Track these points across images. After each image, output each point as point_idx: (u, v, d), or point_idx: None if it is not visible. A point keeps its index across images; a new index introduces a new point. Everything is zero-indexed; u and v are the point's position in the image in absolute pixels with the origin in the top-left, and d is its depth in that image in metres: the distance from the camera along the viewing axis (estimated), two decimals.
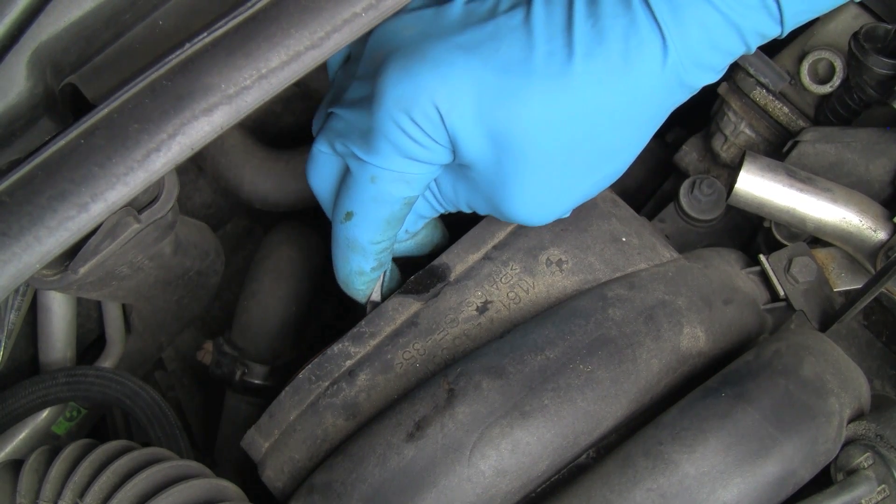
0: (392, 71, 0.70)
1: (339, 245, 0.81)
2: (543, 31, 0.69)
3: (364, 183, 0.75)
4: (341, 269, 0.83)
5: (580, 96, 0.69)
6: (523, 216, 0.77)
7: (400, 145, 0.71)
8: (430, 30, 0.73)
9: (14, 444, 1.07)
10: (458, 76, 0.69)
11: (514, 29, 0.70)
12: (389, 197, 0.75)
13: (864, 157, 0.94)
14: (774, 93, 1.04)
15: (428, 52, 0.70)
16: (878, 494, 0.74)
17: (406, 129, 0.70)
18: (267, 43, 0.61)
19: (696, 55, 0.69)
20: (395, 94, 0.69)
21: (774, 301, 0.89)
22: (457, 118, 0.69)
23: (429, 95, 0.68)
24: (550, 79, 0.69)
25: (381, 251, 0.81)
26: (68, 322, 1.06)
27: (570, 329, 0.75)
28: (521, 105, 0.69)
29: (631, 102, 0.71)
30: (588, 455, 0.76)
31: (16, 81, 0.62)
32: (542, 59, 0.69)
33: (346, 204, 0.77)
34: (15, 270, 0.58)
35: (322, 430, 0.78)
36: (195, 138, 0.60)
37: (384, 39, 0.75)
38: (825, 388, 0.73)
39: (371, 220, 0.77)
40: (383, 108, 0.70)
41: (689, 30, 0.68)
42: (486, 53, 0.69)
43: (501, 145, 0.71)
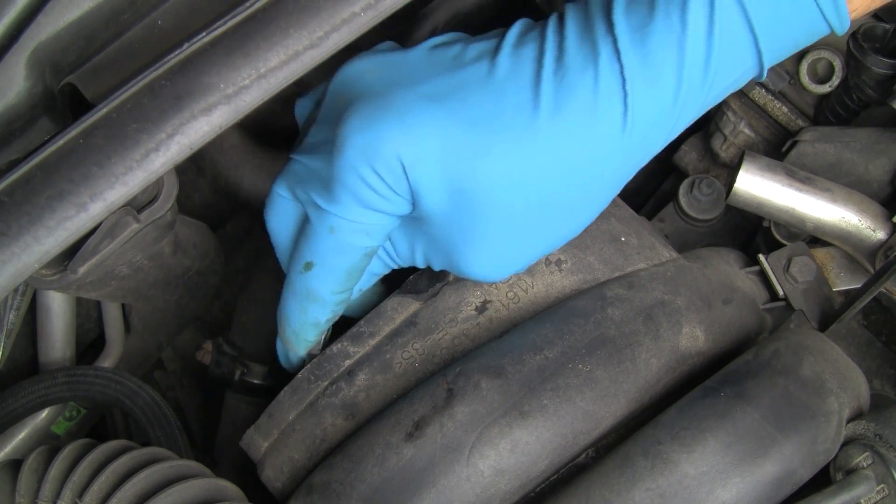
0: (355, 119, 0.67)
1: (296, 295, 0.78)
2: (511, 84, 0.68)
3: (323, 233, 0.72)
4: (296, 321, 0.79)
5: (545, 152, 0.67)
6: (479, 273, 0.75)
7: (360, 196, 0.69)
8: (394, 76, 0.71)
9: (14, 444, 1.07)
10: (423, 128, 0.66)
11: (481, 80, 0.69)
12: (349, 247, 0.73)
13: (864, 157, 0.94)
14: (774, 92, 1.04)
15: (393, 100, 0.67)
16: (877, 494, 0.74)
17: (367, 180, 0.67)
18: (266, 43, 0.61)
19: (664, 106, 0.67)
20: (357, 143, 0.66)
21: (774, 301, 0.89)
22: (420, 171, 0.67)
23: (392, 147, 0.66)
24: (516, 134, 0.67)
25: (340, 302, 0.79)
26: (68, 322, 1.06)
27: (569, 329, 0.75)
28: (485, 160, 0.67)
29: (596, 160, 0.68)
30: (587, 455, 0.76)
31: (15, 81, 0.62)
32: (509, 114, 0.67)
33: (305, 254, 0.75)
34: (14, 270, 0.58)
35: (321, 430, 0.78)
36: (194, 138, 0.60)
37: (346, 83, 0.73)
38: (824, 388, 0.73)
39: (331, 270, 0.74)
40: (344, 157, 0.67)
41: (660, 79, 0.66)
42: (452, 105, 0.67)
43: (462, 200, 0.69)
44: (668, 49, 0.65)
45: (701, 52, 0.66)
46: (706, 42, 0.65)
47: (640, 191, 1.21)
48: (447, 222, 0.71)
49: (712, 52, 0.66)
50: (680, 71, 0.66)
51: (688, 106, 0.68)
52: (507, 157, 0.67)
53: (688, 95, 0.67)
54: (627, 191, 0.82)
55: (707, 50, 0.66)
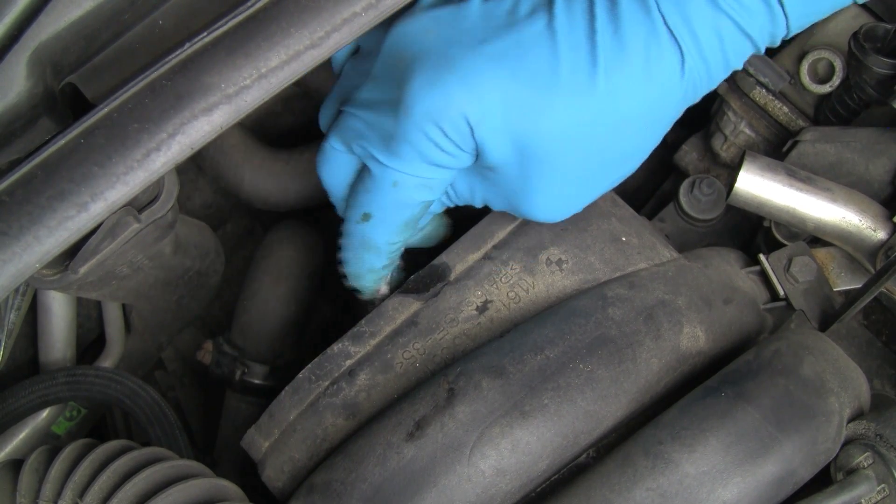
0: (421, 81, 0.70)
1: (352, 243, 0.81)
2: (567, 39, 0.70)
3: (386, 187, 0.75)
4: (353, 266, 0.83)
5: (603, 108, 0.70)
6: (542, 215, 0.79)
7: (426, 153, 0.72)
8: (452, 34, 0.73)
9: (14, 444, 1.07)
10: (487, 88, 0.69)
11: (538, 37, 0.70)
12: (410, 201, 0.76)
13: (864, 157, 0.94)
14: (774, 92, 1.04)
15: (456, 61, 0.70)
16: (877, 494, 0.74)
17: (434, 139, 0.70)
18: (267, 42, 0.61)
19: (708, 61, 0.71)
20: (424, 104, 0.69)
21: (774, 301, 0.89)
22: (485, 128, 0.70)
23: (459, 107, 0.69)
24: (576, 92, 0.70)
25: (395, 251, 0.81)
26: (68, 322, 1.06)
27: (570, 328, 0.75)
28: (547, 116, 0.70)
29: (650, 110, 0.72)
30: (588, 454, 0.76)
31: (16, 81, 0.62)
32: (568, 72, 0.70)
33: (363, 205, 0.77)
34: (15, 270, 0.58)
35: (322, 430, 0.78)
36: (195, 138, 0.60)
37: (404, 42, 0.75)
38: (825, 388, 0.73)
39: (390, 222, 0.77)
40: (412, 117, 0.70)
41: (702, 37, 0.69)
42: (512, 64, 0.70)
43: (526, 153, 0.72)
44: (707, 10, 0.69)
45: (737, 13, 0.69)
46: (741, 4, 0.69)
47: (641, 191, 1.21)
48: (510, 172, 0.74)
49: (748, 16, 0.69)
50: (719, 30, 0.69)
51: (728, 59, 0.72)
52: (568, 114, 0.70)
53: (728, 50, 0.71)
54: (627, 191, 0.83)
55: (742, 11, 0.69)
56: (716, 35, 0.69)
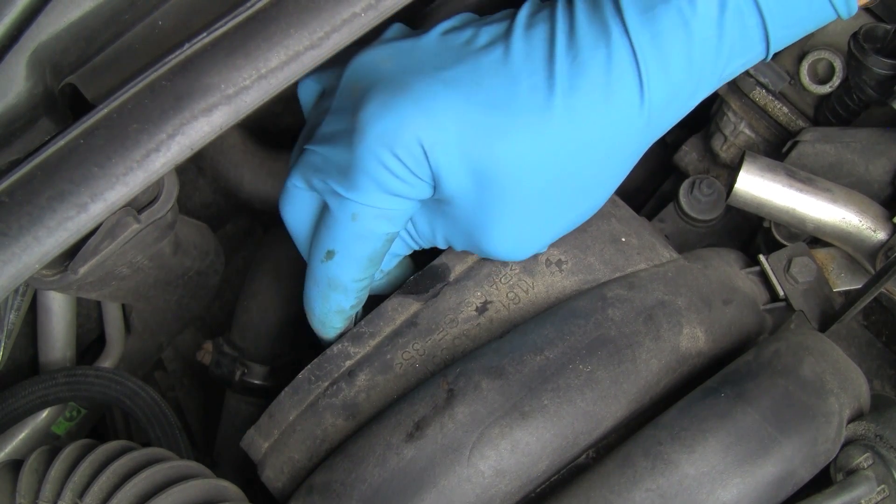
0: (374, 105, 0.68)
1: (318, 284, 0.78)
2: (524, 66, 0.69)
3: (345, 220, 0.73)
4: (319, 309, 0.80)
5: (562, 132, 0.68)
6: (502, 252, 0.76)
7: (382, 181, 0.70)
8: (409, 63, 0.72)
9: (14, 444, 1.07)
10: (441, 112, 0.67)
11: (495, 63, 0.69)
12: (371, 234, 0.73)
13: (864, 158, 0.94)
14: (774, 93, 1.04)
15: (410, 86, 0.68)
16: (877, 495, 0.74)
17: (389, 165, 0.68)
18: (266, 43, 0.61)
19: (676, 87, 0.69)
20: (377, 129, 0.67)
21: (774, 301, 0.89)
22: (440, 154, 0.68)
23: (413, 131, 0.67)
24: (533, 115, 0.68)
25: (362, 289, 0.79)
26: (68, 322, 1.06)
27: (570, 329, 0.75)
28: (504, 142, 0.68)
29: (612, 137, 0.70)
30: (588, 455, 0.76)
31: (15, 81, 0.62)
32: (525, 95, 0.68)
33: (326, 242, 0.75)
34: (14, 270, 0.58)
35: (321, 431, 0.78)
36: (195, 138, 0.60)
37: (361, 72, 0.74)
38: (825, 389, 0.73)
39: (353, 258, 0.75)
40: (365, 143, 0.68)
41: (672, 61, 0.67)
42: (468, 88, 0.68)
43: (484, 181, 0.70)
44: (678, 30, 0.67)
45: (711, 34, 0.67)
46: (717, 25, 0.67)
47: (641, 191, 1.21)
48: (468, 203, 0.72)
49: (723, 35, 0.67)
50: (690, 52, 0.67)
51: (701, 84, 0.70)
52: (525, 138, 0.68)
53: (700, 74, 0.69)
54: (627, 191, 0.83)
55: (718, 32, 0.67)
56: (686, 59, 0.67)
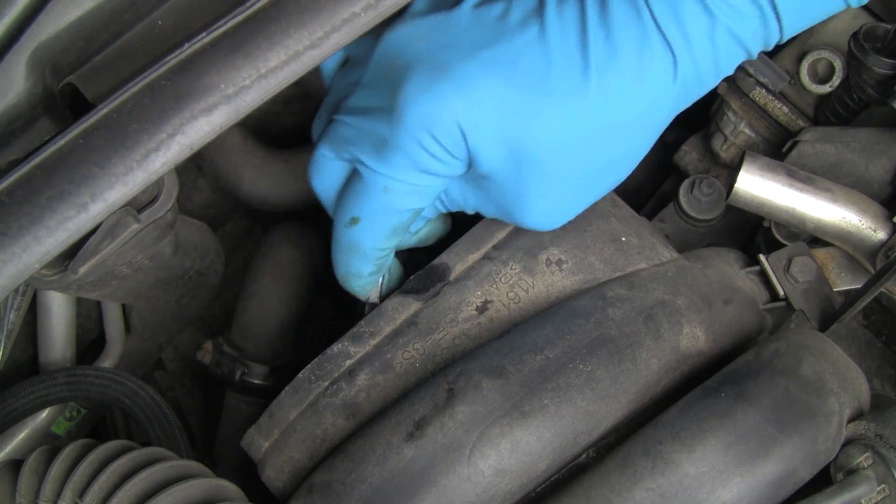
0: (412, 86, 0.69)
1: (340, 247, 0.80)
2: (559, 45, 0.70)
3: (375, 192, 0.74)
4: (340, 270, 0.83)
5: (597, 111, 0.70)
6: (535, 223, 0.78)
7: (418, 160, 0.71)
8: (444, 41, 0.73)
9: (14, 444, 1.07)
10: (479, 94, 0.69)
11: (531, 43, 0.70)
12: (400, 207, 0.75)
13: (864, 157, 0.94)
14: (774, 92, 1.03)
15: (448, 67, 0.69)
16: (877, 494, 0.74)
17: (427, 146, 0.70)
18: (266, 43, 0.61)
19: (700, 66, 0.70)
20: (417, 111, 0.69)
21: (774, 301, 0.89)
22: (478, 135, 0.70)
23: (452, 114, 0.69)
24: (568, 96, 0.69)
25: (381, 257, 0.81)
26: (68, 322, 1.06)
27: (570, 329, 0.75)
28: (541, 122, 0.70)
29: (642, 114, 0.72)
30: (588, 455, 0.76)
31: (15, 81, 0.62)
32: (560, 76, 0.69)
33: (352, 209, 0.77)
34: (14, 270, 0.58)
35: (322, 430, 0.78)
36: (194, 138, 0.60)
37: (396, 49, 0.75)
38: (825, 388, 0.73)
39: (378, 227, 0.77)
40: (404, 124, 0.70)
41: (694, 41, 0.69)
42: (505, 70, 0.70)
43: (520, 160, 0.72)
44: (700, 11, 0.68)
45: (729, 17, 0.68)
46: (733, 8, 0.68)
47: (641, 191, 1.21)
48: (503, 179, 0.74)
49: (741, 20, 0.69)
50: (713, 32, 0.69)
51: (720, 65, 0.71)
52: (561, 117, 0.70)
53: (722, 54, 0.70)
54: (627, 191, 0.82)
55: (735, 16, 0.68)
56: (708, 40, 0.69)
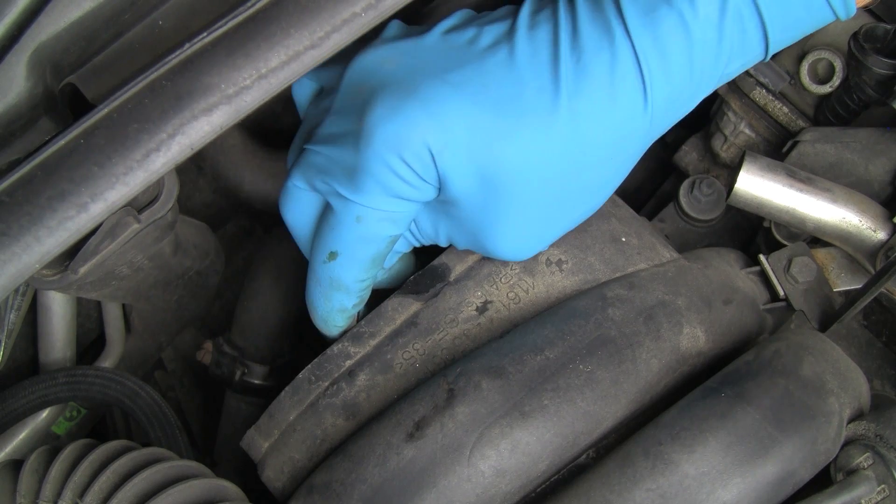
0: (381, 109, 0.68)
1: (320, 284, 0.78)
2: (529, 67, 0.69)
3: (349, 222, 0.73)
4: (321, 308, 0.80)
5: (567, 134, 0.69)
6: (506, 252, 0.76)
7: (388, 185, 0.69)
8: (413, 64, 0.71)
9: (14, 444, 1.07)
10: (449, 115, 0.67)
11: (501, 65, 0.69)
12: (375, 236, 0.74)
13: (864, 157, 0.94)
14: (774, 93, 1.04)
15: (417, 89, 0.68)
16: (877, 494, 0.74)
17: (396, 169, 0.68)
18: (267, 43, 0.61)
19: (677, 87, 0.69)
20: (385, 133, 0.67)
21: (774, 301, 0.89)
22: (448, 158, 0.68)
23: (421, 136, 0.67)
24: (539, 117, 0.68)
25: (365, 288, 0.79)
26: (68, 322, 1.06)
27: (570, 329, 0.75)
28: (511, 144, 0.68)
29: (615, 138, 0.70)
30: (588, 455, 0.76)
31: (16, 81, 0.62)
32: (531, 98, 0.68)
33: (329, 244, 0.75)
34: (15, 270, 0.58)
35: (322, 430, 0.78)
36: (195, 138, 0.60)
37: (364, 73, 0.74)
38: (825, 388, 0.73)
39: (357, 259, 0.75)
40: (372, 147, 0.68)
41: (672, 62, 0.68)
42: (474, 91, 0.68)
43: (490, 183, 0.70)
44: (679, 33, 0.67)
45: (712, 37, 0.67)
46: (717, 28, 0.67)
47: (641, 191, 1.21)
48: (473, 205, 0.72)
49: (723, 38, 0.68)
50: (691, 54, 0.68)
51: (701, 86, 0.70)
52: (531, 140, 0.68)
53: (700, 76, 0.69)
54: (627, 191, 0.82)
55: (718, 35, 0.67)
56: (686, 60, 0.68)
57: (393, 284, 0.86)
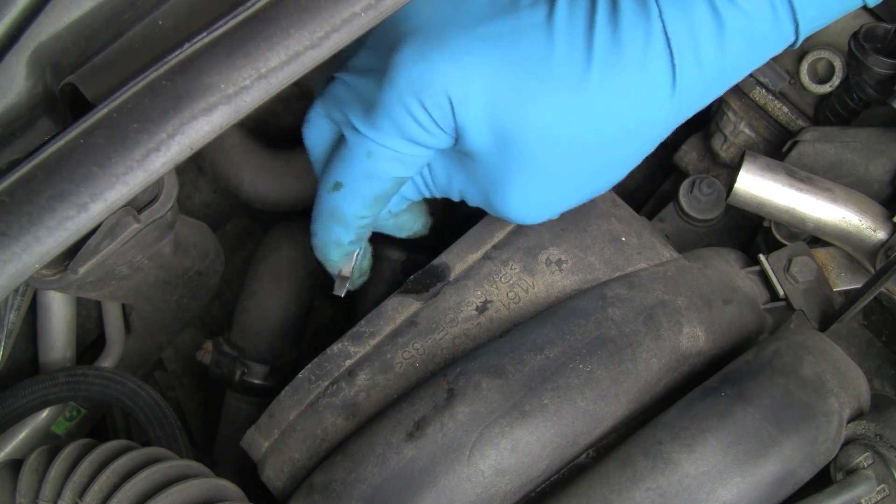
0: (408, 52, 0.69)
1: (321, 213, 0.80)
2: (564, 32, 0.69)
3: (359, 156, 0.74)
4: (319, 237, 0.81)
5: (593, 106, 0.69)
6: (514, 214, 0.77)
7: (404, 127, 0.70)
8: (450, 13, 0.72)
9: (14, 444, 1.07)
10: (474, 68, 0.68)
11: (536, 26, 0.69)
12: (383, 174, 0.74)
13: (864, 157, 0.94)
14: (774, 92, 1.04)
15: (447, 38, 0.69)
16: (877, 494, 0.74)
17: (414, 112, 0.69)
18: (266, 43, 0.61)
19: (707, 71, 0.69)
20: (408, 75, 0.68)
21: (774, 301, 0.89)
22: (467, 110, 0.69)
23: (442, 83, 0.68)
24: (566, 85, 0.68)
25: (363, 226, 0.80)
26: (68, 322, 1.06)
27: (570, 329, 0.75)
28: (533, 107, 0.69)
29: (641, 118, 0.70)
30: (588, 455, 0.76)
31: (15, 81, 0.62)
32: (561, 64, 0.68)
33: (336, 174, 0.76)
34: (14, 270, 0.58)
35: (322, 430, 0.78)
36: (194, 138, 0.60)
37: (402, 14, 0.73)
38: (825, 388, 0.73)
39: (360, 194, 0.76)
40: (394, 87, 0.69)
41: (703, 46, 0.68)
42: (505, 48, 0.69)
43: (507, 143, 0.70)
44: (712, 20, 0.67)
45: (744, 25, 0.67)
46: (749, 15, 0.67)
47: (641, 191, 1.21)
48: (488, 161, 0.72)
49: (755, 26, 0.68)
50: (723, 42, 0.68)
51: (730, 73, 0.70)
52: (555, 107, 0.69)
53: (731, 63, 0.69)
54: (627, 191, 0.82)
55: (750, 23, 0.67)
56: (717, 45, 0.68)
57: (398, 233, 0.87)
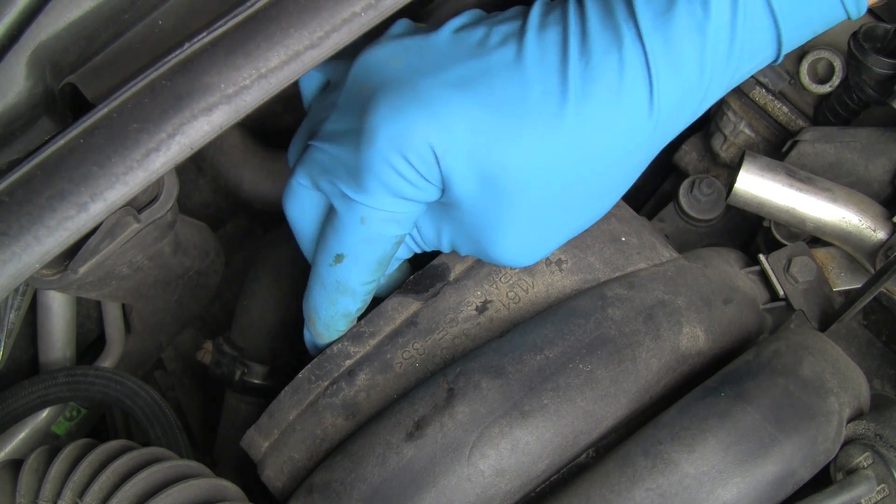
0: (383, 108, 0.67)
1: (326, 288, 0.77)
2: (536, 67, 0.68)
3: (353, 224, 0.72)
4: (325, 313, 0.79)
5: (573, 139, 0.68)
6: (508, 258, 0.75)
7: (392, 185, 0.69)
8: (419, 63, 0.71)
9: (14, 444, 1.07)
10: (452, 115, 0.67)
11: (507, 66, 0.68)
12: (381, 237, 0.73)
13: (864, 157, 0.94)
14: (774, 92, 1.04)
15: (421, 88, 0.67)
16: (877, 494, 0.74)
17: (399, 169, 0.68)
18: (266, 43, 0.61)
19: (688, 91, 0.68)
20: (388, 133, 0.67)
21: (774, 301, 0.89)
22: (452, 158, 0.67)
23: (423, 135, 0.66)
24: (544, 121, 0.67)
25: (370, 291, 0.79)
26: (68, 322, 1.06)
27: (570, 329, 0.75)
28: (513, 147, 0.67)
29: (622, 144, 0.69)
30: (587, 454, 0.77)
31: (15, 81, 0.62)
32: (536, 100, 0.67)
33: (334, 246, 0.75)
34: (14, 270, 0.58)
35: (321, 430, 0.78)
36: (194, 138, 0.60)
37: (369, 70, 0.73)
38: (824, 388, 0.73)
39: (362, 261, 0.75)
40: (375, 147, 0.67)
41: (683, 65, 0.67)
42: (480, 92, 0.68)
43: (492, 186, 0.69)
44: (691, 35, 0.66)
45: (724, 38, 0.66)
46: (729, 28, 0.66)
47: (641, 191, 1.21)
48: (476, 208, 0.71)
49: (735, 39, 0.67)
50: (702, 57, 0.66)
51: (711, 90, 0.69)
52: (536, 143, 0.67)
53: (711, 80, 0.68)
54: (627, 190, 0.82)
55: (730, 36, 0.66)
56: (697, 63, 0.67)
57: (386, 293, 0.85)
